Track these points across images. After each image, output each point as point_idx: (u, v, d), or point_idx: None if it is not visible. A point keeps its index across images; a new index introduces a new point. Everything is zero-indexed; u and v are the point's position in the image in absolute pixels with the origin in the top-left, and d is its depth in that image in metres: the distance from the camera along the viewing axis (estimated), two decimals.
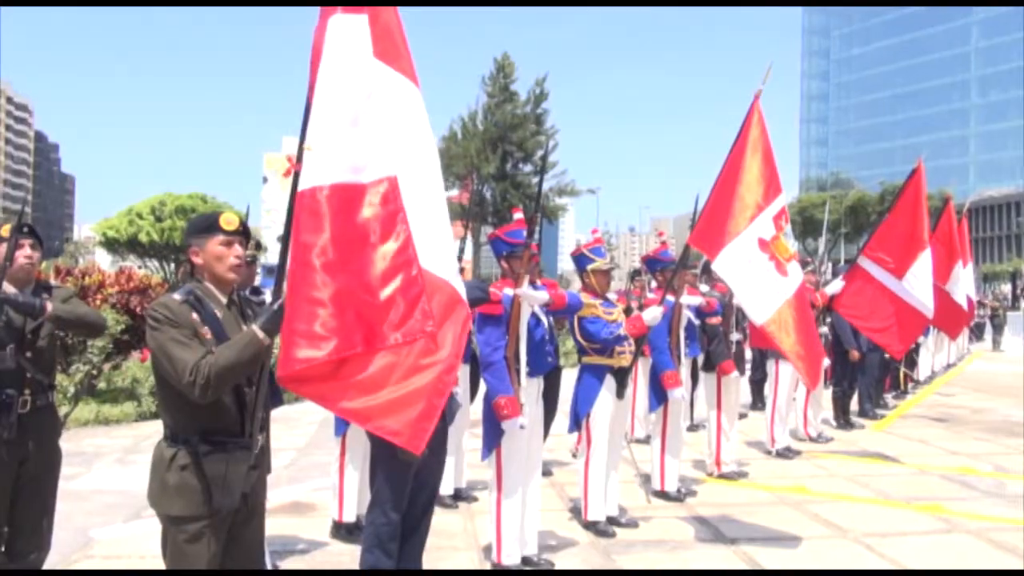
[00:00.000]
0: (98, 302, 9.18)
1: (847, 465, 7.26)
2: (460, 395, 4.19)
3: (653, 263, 6.39)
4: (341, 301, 2.40)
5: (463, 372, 5.75)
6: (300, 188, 2.42)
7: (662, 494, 5.95)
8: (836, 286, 7.25)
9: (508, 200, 37.08)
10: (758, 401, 10.19)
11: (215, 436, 2.49)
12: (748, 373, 9.27)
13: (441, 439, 3.77)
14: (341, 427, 4.93)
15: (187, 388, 2.38)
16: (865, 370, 9.64)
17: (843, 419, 9.24)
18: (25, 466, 3.37)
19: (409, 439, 2.43)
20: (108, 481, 6.41)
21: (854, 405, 9.66)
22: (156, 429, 8.31)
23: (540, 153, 37.75)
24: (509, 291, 4.20)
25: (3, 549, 3.36)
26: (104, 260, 61.81)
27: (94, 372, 9.26)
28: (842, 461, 7.43)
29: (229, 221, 2.64)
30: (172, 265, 50.84)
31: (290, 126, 2.51)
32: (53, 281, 3.86)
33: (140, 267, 38.36)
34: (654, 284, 6.74)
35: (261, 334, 2.43)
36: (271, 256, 22.74)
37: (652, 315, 5.13)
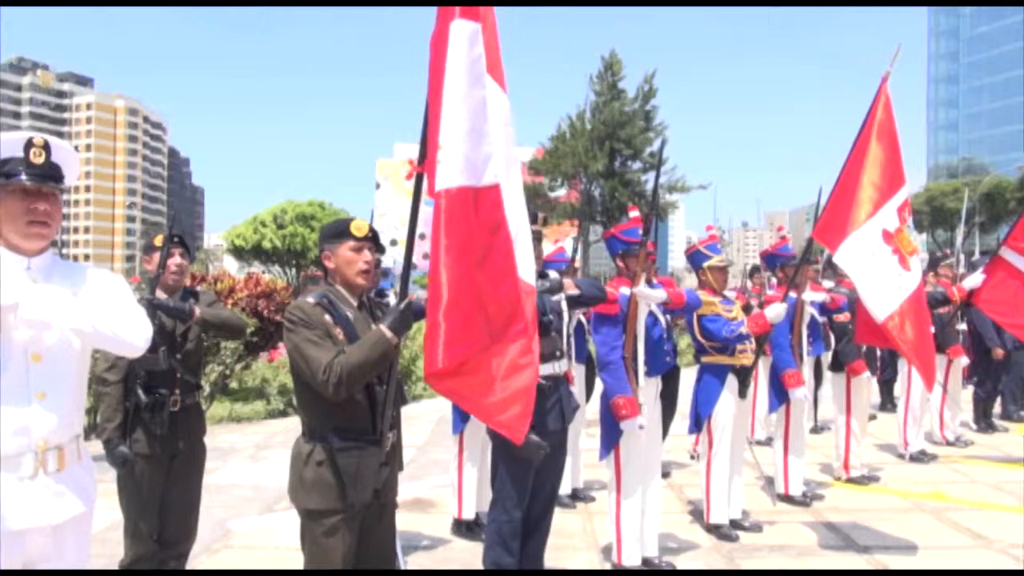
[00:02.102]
0: (229, 306, 9.72)
1: (989, 471, 6.80)
2: (576, 395, 4.18)
3: (773, 259, 6.20)
4: (474, 299, 2.50)
5: (578, 371, 5.75)
6: (437, 188, 2.51)
7: (787, 498, 5.76)
8: (976, 280, 6.79)
9: (617, 198, 36.76)
10: (888, 402, 9.69)
11: (348, 433, 2.59)
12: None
13: (561, 438, 3.79)
14: (458, 424, 5.02)
15: (321, 386, 2.50)
16: (1010, 369, 8.99)
17: (984, 422, 8.65)
18: (175, 461, 3.63)
19: (512, 433, 2.57)
20: (242, 475, 6.77)
21: (996, 407, 9.03)
22: (285, 426, 8.69)
23: (649, 150, 37.20)
24: (626, 290, 4.17)
25: (155, 538, 3.61)
26: (231, 266, 65.43)
27: (227, 372, 9.82)
28: (984, 467, 6.97)
29: (359, 227, 2.74)
30: (293, 270, 53.38)
31: (402, 133, 2.61)
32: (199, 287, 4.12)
33: (264, 272, 40.37)
34: (774, 281, 6.54)
35: (389, 333, 2.52)
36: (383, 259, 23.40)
37: (775, 312, 4.98)
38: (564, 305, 3.83)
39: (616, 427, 4.16)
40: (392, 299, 5.28)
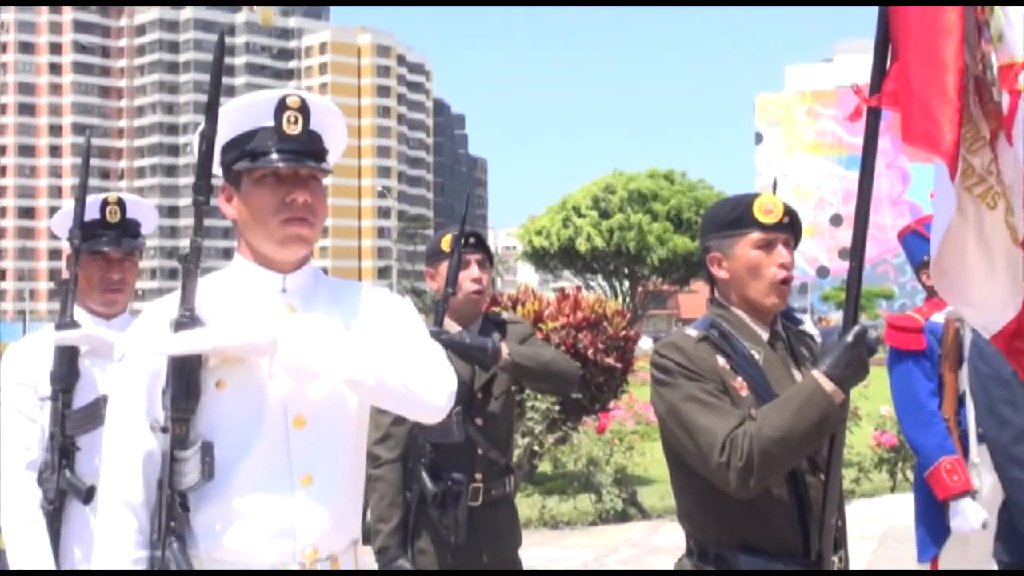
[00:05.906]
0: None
1: None
2: None
3: None
4: None
5: None
6: None
7: None
8: None
9: None
10: None
11: (763, 553, 2.59)
12: None
13: None
14: (928, 548, 4.87)
15: (716, 473, 2.51)
16: None
17: None
18: None
19: None
20: None
21: None
22: (626, 538, 8.99)
23: None
24: None
25: None
26: (529, 277, 68.74)
27: (535, 448, 10.26)
28: None
29: (768, 208, 2.72)
30: (626, 282, 54.54)
31: (797, 50, 2.52)
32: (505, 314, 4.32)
33: (582, 288, 42.10)
34: None
35: (830, 385, 2.46)
36: None
37: None
38: None
39: None
40: (810, 326, 5.20)
